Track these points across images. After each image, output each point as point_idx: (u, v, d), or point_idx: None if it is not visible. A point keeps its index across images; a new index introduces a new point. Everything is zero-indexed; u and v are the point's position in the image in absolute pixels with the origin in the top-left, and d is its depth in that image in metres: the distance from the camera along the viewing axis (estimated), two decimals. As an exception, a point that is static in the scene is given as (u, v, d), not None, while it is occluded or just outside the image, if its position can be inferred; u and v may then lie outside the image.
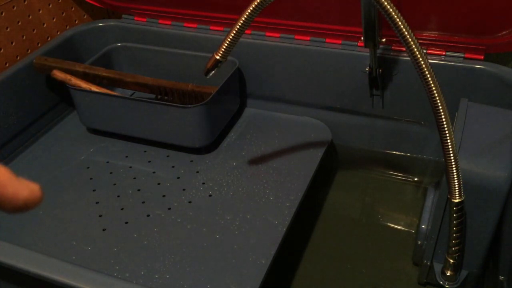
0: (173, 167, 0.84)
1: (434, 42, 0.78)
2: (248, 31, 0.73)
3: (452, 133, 0.54)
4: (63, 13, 0.99)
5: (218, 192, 0.78)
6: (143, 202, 0.77)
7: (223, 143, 0.88)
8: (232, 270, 0.65)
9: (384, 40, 0.75)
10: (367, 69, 0.81)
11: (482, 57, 0.77)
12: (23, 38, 0.91)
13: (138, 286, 0.53)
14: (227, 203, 0.75)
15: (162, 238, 0.70)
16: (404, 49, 0.56)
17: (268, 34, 0.89)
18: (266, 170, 0.81)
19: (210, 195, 0.77)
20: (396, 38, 0.72)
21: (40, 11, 0.94)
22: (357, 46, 0.83)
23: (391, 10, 0.51)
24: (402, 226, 0.84)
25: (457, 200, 0.57)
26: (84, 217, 0.75)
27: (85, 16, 1.04)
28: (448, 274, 0.66)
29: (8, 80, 0.84)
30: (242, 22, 0.56)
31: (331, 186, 0.92)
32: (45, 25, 0.96)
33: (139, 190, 0.79)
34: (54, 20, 0.97)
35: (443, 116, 0.54)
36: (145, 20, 0.98)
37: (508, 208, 0.62)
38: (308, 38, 0.86)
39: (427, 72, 0.52)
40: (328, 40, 0.85)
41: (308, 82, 0.88)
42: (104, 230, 0.72)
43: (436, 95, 0.53)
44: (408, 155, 0.90)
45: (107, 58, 0.96)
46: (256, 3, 0.55)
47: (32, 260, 0.53)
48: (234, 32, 0.57)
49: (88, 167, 0.84)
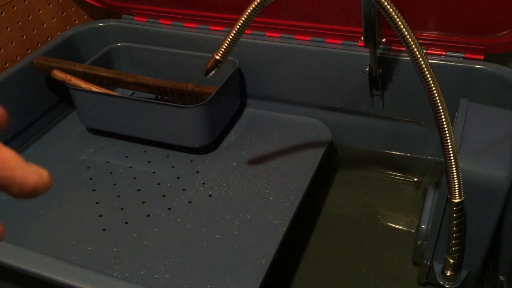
0: (173, 167, 0.84)
1: (434, 42, 0.78)
2: (248, 31, 0.73)
3: (452, 133, 0.54)
4: (63, 13, 0.99)
5: (218, 192, 0.78)
6: (143, 202, 0.77)
7: (223, 143, 0.88)
8: (232, 270, 0.65)
9: (384, 40, 0.75)
10: (367, 69, 0.81)
11: (482, 57, 0.77)
12: (23, 38, 0.91)
13: (138, 286, 0.53)
14: (227, 203, 0.75)
15: (162, 238, 0.70)
16: (404, 49, 0.56)
17: (268, 34, 0.89)
18: (266, 170, 0.81)
19: (210, 195, 0.77)
20: (396, 38, 0.72)
21: (40, 11, 0.94)
22: (357, 46, 0.83)
23: (391, 10, 0.51)
24: (402, 226, 0.84)
25: (457, 200, 0.57)
26: (84, 217, 0.75)
27: (85, 16, 1.05)
28: (448, 274, 0.66)
29: (8, 80, 0.84)
30: (242, 22, 0.56)
31: (331, 186, 0.92)
32: (45, 25, 0.96)
33: (139, 190, 0.79)
34: (54, 20, 0.97)
35: (443, 116, 0.54)
36: (145, 20, 0.98)
37: (508, 208, 0.62)
38: (308, 38, 0.86)
39: (427, 72, 0.52)
40: (328, 40, 0.85)
41: (308, 82, 0.88)
42: (104, 230, 0.72)
43: (436, 95, 0.53)
44: (408, 155, 0.90)
45: (107, 58, 0.96)
46: (256, 3, 0.55)
47: (32, 260, 0.53)
48: (234, 32, 0.57)
49: (88, 167, 0.84)
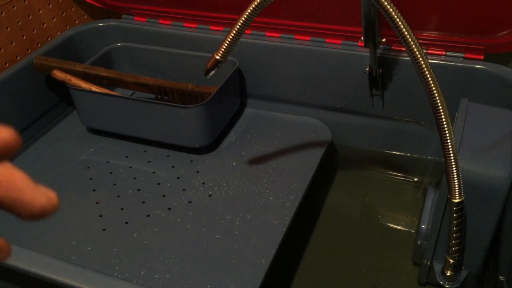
0: (173, 167, 0.84)
1: (434, 42, 0.78)
2: (248, 31, 0.73)
3: (452, 133, 0.54)
4: (63, 13, 0.99)
5: (218, 192, 0.78)
6: (143, 202, 0.77)
7: (223, 143, 0.88)
8: (232, 270, 0.65)
9: (384, 40, 0.75)
10: (367, 69, 0.81)
11: (482, 57, 0.77)
12: (23, 38, 0.91)
13: (138, 286, 0.53)
14: (227, 203, 0.75)
15: (162, 238, 0.70)
16: (404, 49, 0.56)
17: (268, 34, 0.89)
18: (266, 170, 0.81)
19: (210, 195, 0.77)
20: (396, 38, 0.72)
21: (40, 11, 0.94)
22: (357, 46, 0.83)
23: (391, 10, 0.51)
24: (402, 226, 0.84)
25: (457, 200, 0.57)
26: (84, 217, 0.75)
27: (85, 16, 1.05)
28: (448, 274, 0.66)
29: (8, 80, 0.84)
30: (242, 22, 0.56)
31: (331, 186, 0.92)
32: (45, 25, 0.96)
33: (139, 190, 0.79)
34: (54, 20, 0.97)
35: (443, 116, 0.54)
36: (145, 20, 0.98)
37: (508, 208, 0.62)
38: (308, 38, 0.86)
39: (427, 72, 0.52)
40: (328, 40, 0.85)
41: (308, 82, 0.88)
42: (104, 230, 0.72)
43: (436, 95, 0.53)
44: (408, 155, 0.90)
45: (107, 58, 0.96)
46: (256, 3, 0.55)
47: (32, 260, 0.53)
48: (234, 32, 0.57)
49: (88, 167, 0.84)
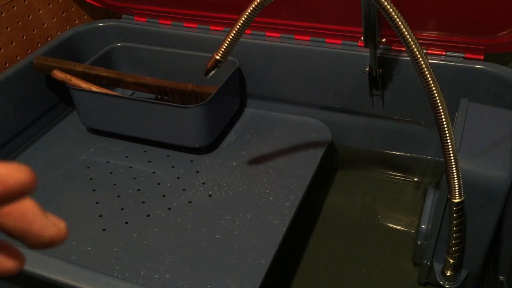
0: (173, 167, 0.84)
1: (434, 42, 0.78)
2: (248, 31, 0.73)
3: (452, 133, 0.54)
4: (63, 13, 0.99)
5: (218, 192, 0.78)
6: (143, 202, 0.77)
7: (223, 143, 0.88)
8: (232, 270, 0.65)
9: (384, 40, 0.75)
10: (367, 69, 0.81)
11: (482, 57, 0.77)
12: (23, 38, 0.91)
13: (138, 286, 0.53)
14: (227, 203, 0.75)
15: (162, 238, 0.70)
16: (404, 49, 0.56)
17: (268, 34, 0.89)
18: (266, 170, 0.81)
19: (210, 195, 0.77)
20: (396, 38, 0.72)
21: (40, 11, 0.94)
22: (357, 46, 0.83)
23: (391, 10, 0.51)
24: (402, 226, 0.84)
25: (457, 200, 0.57)
26: (84, 217, 0.75)
27: (85, 16, 1.05)
28: (448, 274, 0.66)
29: (8, 80, 0.84)
30: (242, 22, 0.56)
31: (331, 186, 0.92)
32: (45, 25, 0.96)
33: (139, 190, 0.79)
34: (54, 20, 0.97)
35: (443, 116, 0.54)
36: (145, 20, 0.98)
37: (508, 208, 0.62)
38: (308, 38, 0.86)
39: (427, 72, 0.52)
40: (328, 40, 0.85)
41: (308, 82, 0.88)
42: (104, 230, 0.72)
43: (436, 95, 0.53)
44: (408, 155, 0.90)
45: (107, 58, 0.96)
46: (256, 3, 0.55)
47: (32, 260, 0.53)
48: (234, 32, 0.57)
49: (88, 167, 0.84)
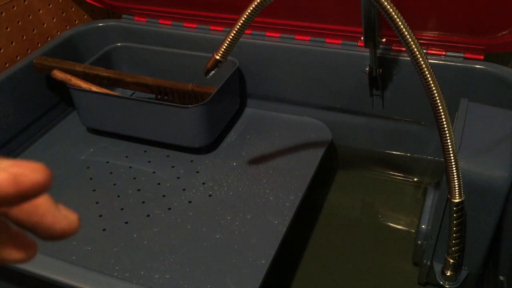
0: (173, 167, 0.84)
1: (434, 42, 0.78)
2: (248, 31, 0.73)
3: (452, 133, 0.54)
4: (63, 13, 0.99)
5: (218, 192, 0.78)
6: (143, 202, 0.77)
7: (223, 143, 0.88)
8: (232, 270, 0.65)
9: (384, 40, 0.75)
10: (367, 69, 0.81)
11: (482, 57, 0.77)
12: (23, 38, 0.91)
13: (138, 286, 0.53)
14: (227, 203, 0.75)
15: (162, 238, 0.70)
16: (404, 49, 0.56)
17: (268, 34, 0.89)
18: (266, 170, 0.81)
19: (210, 195, 0.77)
20: (396, 38, 0.72)
21: (40, 11, 0.94)
22: (357, 46, 0.83)
23: (391, 10, 0.51)
24: (402, 226, 0.84)
25: (457, 200, 0.57)
26: (84, 217, 0.75)
27: (85, 16, 1.05)
28: (448, 274, 0.66)
29: (8, 80, 0.84)
30: (242, 22, 0.56)
31: (331, 186, 0.92)
32: (45, 25, 0.96)
33: (139, 190, 0.79)
34: (54, 20, 0.97)
35: (443, 116, 0.54)
36: (145, 20, 0.98)
37: (508, 208, 0.62)
38: (308, 38, 0.86)
39: (427, 72, 0.52)
40: (328, 40, 0.85)
41: (308, 82, 0.88)
42: (104, 230, 0.72)
43: (436, 95, 0.53)
44: (408, 155, 0.90)
45: (107, 58, 0.96)
46: (256, 3, 0.55)
47: (32, 260, 0.53)
48: (234, 32, 0.57)
49: (88, 167, 0.84)
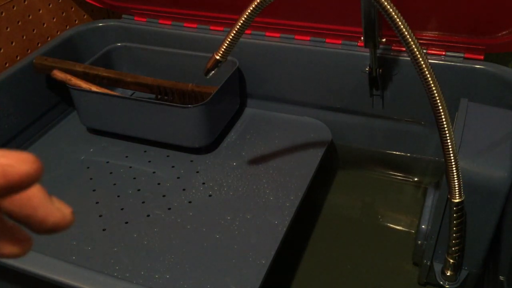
0: (173, 167, 0.84)
1: (434, 42, 0.78)
2: (248, 31, 0.73)
3: (452, 133, 0.54)
4: (63, 13, 0.99)
5: (218, 192, 0.78)
6: (143, 202, 0.77)
7: (223, 143, 0.88)
8: (232, 270, 0.65)
9: (384, 40, 0.75)
10: (367, 69, 0.81)
11: (482, 57, 0.77)
12: (23, 38, 0.91)
13: (138, 286, 0.53)
14: (227, 203, 0.75)
15: (162, 238, 0.70)
16: (404, 49, 0.56)
17: (268, 34, 0.89)
18: (266, 170, 0.81)
19: (210, 195, 0.77)
20: (396, 38, 0.72)
21: (40, 11, 0.94)
22: (357, 46, 0.83)
23: (391, 10, 0.51)
24: (402, 226, 0.84)
25: (457, 200, 0.57)
26: (84, 217, 0.75)
27: (85, 16, 1.05)
28: (448, 274, 0.66)
29: (8, 80, 0.84)
30: (242, 22, 0.56)
31: (331, 186, 0.92)
32: (45, 25, 0.96)
33: (139, 190, 0.79)
34: (54, 20, 0.97)
35: (443, 116, 0.54)
36: (145, 20, 0.98)
37: (508, 208, 0.62)
38: (308, 38, 0.86)
39: (427, 72, 0.52)
40: (328, 40, 0.85)
41: (308, 82, 0.88)
42: (104, 230, 0.72)
43: (436, 95, 0.53)
44: (408, 155, 0.90)
45: (107, 58, 0.96)
46: (256, 3, 0.55)
47: (32, 260, 0.53)
48: (234, 32, 0.57)
49: (88, 167, 0.84)
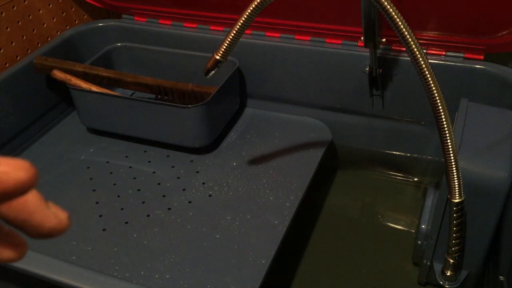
0: (173, 167, 0.84)
1: (434, 42, 0.78)
2: (248, 31, 0.73)
3: (452, 133, 0.54)
4: (63, 13, 0.99)
5: (218, 192, 0.78)
6: (143, 202, 0.77)
7: (223, 143, 0.88)
8: (232, 270, 0.65)
9: (384, 40, 0.75)
10: (367, 69, 0.81)
11: (482, 57, 0.77)
12: (23, 38, 0.91)
13: (138, 286, 0.53)
14: (227, 203, 0.75)
15: (162, 238, 0.70)
16: (404, 49, 0.56)
17: (268, 34, 0.89)
18: (266, 170, 0.81)
19: (210, 195, 0.77)
20: (396, 38, 0.72)
21: (40, 11, 0.94)
22: (357, 46, 0.83)
23: (391, 10, 0.51)
24: (402, 226, 0.84)
25: (457, 200, 0.57)
26: (84, 217, 0.75)
27: (85, 16, 1.05)
28: (448, 274, 0.66)
29: (8, 80, 0.84)
30: (242, 22, 0.56)
31: (331, 186, 0.92)
32: (45, 25, 0.96)
33: (139, 190, 0.79)
34: (54, 20, 0.97)
35: (443, 116, 0.54)
36: (145, 20, 0.98)
37: (508, 208, 0.62)
38: (308, 38, 0.86)
39: (427, 72, 0.52)
40: (328, 40, 0.85)
41: (308, 82, 0.88)
42: (104, 230, 0.72)
43: (436, 95, 0.53)
44: (408, 155, 0.90)
45: (107, 58, 0.96)
46: (256, 3, 0.55)
47: (32, 260, 0.53)
48: (234, 32, 0.57)
49: (88, 167, 0.84)
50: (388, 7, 0.51)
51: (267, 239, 0.69)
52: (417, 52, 0.51)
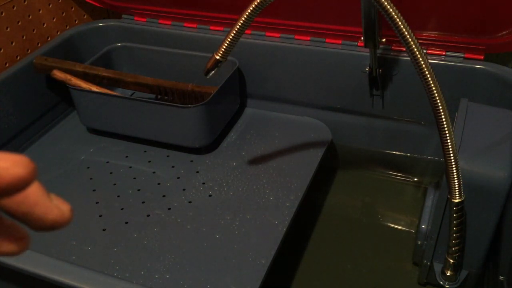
0: (173, 167, 0.84)
1: (434, 42, 0.78)
2: (248, 31, 0.73)
3: (452, 133, 0.54)
4: (63, 13, 0.99)
5: (218, 192, 0.78)
6: (143, 202, 0.77)
7: (223, 143, 0.88)
8: (232, 270, 0.65)
9: (384, 40, 0.75)
10: (367, 69, 0.81)
11: (482, 57, 0.77)
12: (23, 38, 0.91)
13: (138, 286, 0.53)
14: (227, 203, 0.75)
15: (162, 238, 0.70)
16: (404, 49, 0.56)
17: (268, 34, 0.89)
18: (266, 170, 0.81)
19: (210, 195, 0.77)
20: (396, 38, 0.72)
21: (40, 11, 0.94)
22: (357, 46, 0.83)
23: (391, 10, 0.51)
24: (402, 226, 0.84)
25: (457, 200, 0.57)
26: (84, 217, 0.75)
27: (85, 16, 1.05)
28: (448, 274, 0.66)
29: (8, 80, 0.84)
30: (242, 22, 0.56)
31: (331, 186, 0.92)
32: (45, 25, 0.96)
33: (139, 190, 0.79)
34: (54, 20, 0.97)
35: (443, 116, 0.54)
36: (145, 20, 0.98)
37: (508, 208, 0.62)
38: (308, 38, 0.86)
39: (427, 72, 0.52)
40: (328, 40, 0.85)
41: (308, 82, 0.88)
42: (104, 230, 0.72)
43: (436, 95, 0.53)
44: (408, 155, 0.90)
45: (107, 58, 0.96)
46: (256, 3, 0.55)
47: (32, 260, 0.53)
48: (234, 32, 0.57)
49: (88, 167, 0.84)
50: (388, 7, 0.51)
51: (267, 239, 0.69)
52: (417, 52, 0.51)
